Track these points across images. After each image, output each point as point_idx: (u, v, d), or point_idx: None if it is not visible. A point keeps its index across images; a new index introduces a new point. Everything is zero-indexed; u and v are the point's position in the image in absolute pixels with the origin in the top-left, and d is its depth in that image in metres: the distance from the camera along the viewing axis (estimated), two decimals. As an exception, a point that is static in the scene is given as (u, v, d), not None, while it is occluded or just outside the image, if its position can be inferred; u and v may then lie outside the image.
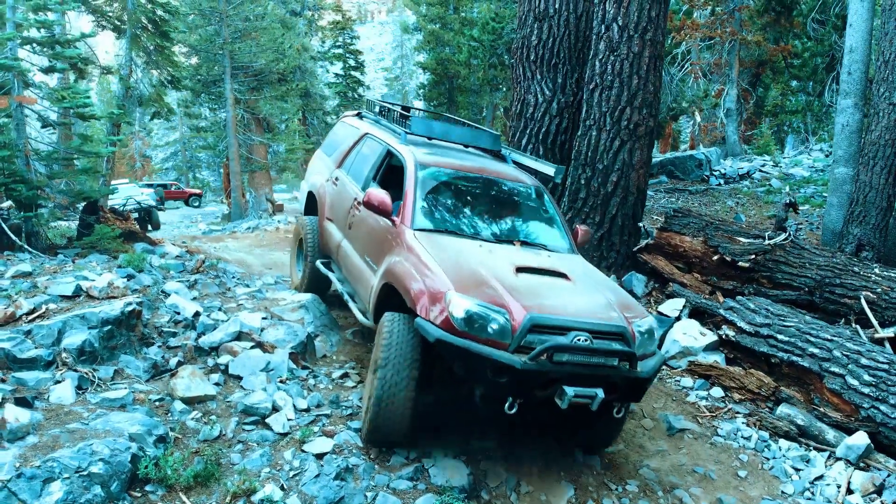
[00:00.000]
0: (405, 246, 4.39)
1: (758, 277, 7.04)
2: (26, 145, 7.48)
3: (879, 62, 8.00)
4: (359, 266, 5.15)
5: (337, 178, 6.14)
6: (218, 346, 5.11)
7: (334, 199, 6.06)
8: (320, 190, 6.42)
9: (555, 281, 4.24)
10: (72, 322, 4.73)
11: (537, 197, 5.35)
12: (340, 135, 6.79)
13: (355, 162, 5.97)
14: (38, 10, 7.25)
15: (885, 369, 5.11)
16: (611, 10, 7.17)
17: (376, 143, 5.76)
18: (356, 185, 5.63)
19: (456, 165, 5.18)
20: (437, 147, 5.54)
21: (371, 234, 4.99)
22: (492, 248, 4.47)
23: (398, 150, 5.30)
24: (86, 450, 3.64)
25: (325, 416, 4.59)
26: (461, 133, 5.93)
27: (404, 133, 5.48)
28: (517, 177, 5.42)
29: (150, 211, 20.63)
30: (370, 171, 5.54)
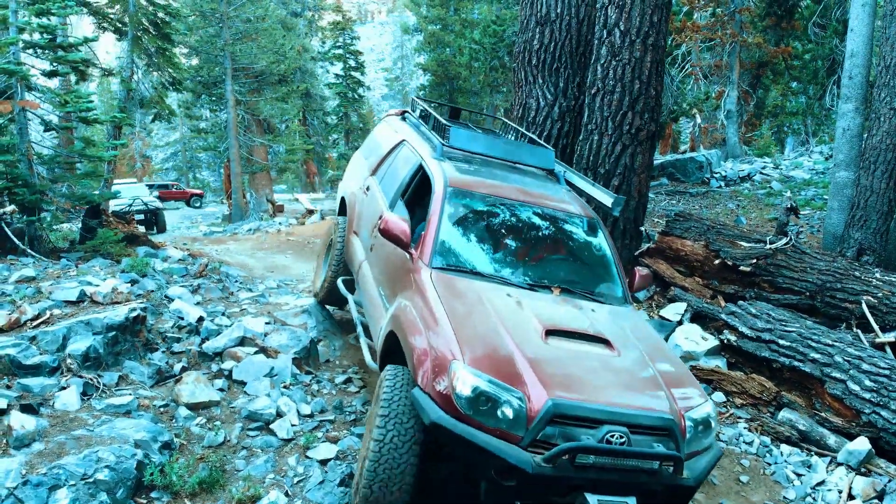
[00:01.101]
0: (418, 288, 3.70)
1: (759, 282, 7.06)
2: (29, 149, 7.50)
3: (880, 67, 8.02)
4: (373, 297, 4.51)
5: (368, 188, 5.45)
6: (222, 352, 5.13)
7: (362, 212, 5.41)
8: (351, 198, 5.82)
9: (592, 350, 3.44)
10: (76, 328, 4.75)
11: (589, 231, 4.49)
12: (379, 137, 6.11)
13: (388, 172, 5.24)
14: (40, 14, 7.27)
15: (887, 375, 5.13)
16: (613, 14, 7.19)
17: (410, 154, 4.99)
18: (384, 200, 4.93)
19: (494, 189, 4.37)
20: (477, 164, 4.72)
21: (388, 264, 4.31)
22: (522, 299, 3.67)
23: (429, 165, 4.53)
24: (91, 457, 3.66)
25: (328, 422, 4.61)
26: (508, 148, 5.06)
27: (440, 145, 4.69)
28: (567, 205, 4.55)
29: (156, 212, 19.69)
30: (400, 186, 4.82)
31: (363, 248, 5.08)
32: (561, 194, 4.70)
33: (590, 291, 4.11)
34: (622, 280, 4.33)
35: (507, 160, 4.97)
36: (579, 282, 4.18)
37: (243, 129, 24.55)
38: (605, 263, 4.39)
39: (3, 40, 7.18)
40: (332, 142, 42.90)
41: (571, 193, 4.87)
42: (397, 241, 3.90)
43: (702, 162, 16.01)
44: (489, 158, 4.90)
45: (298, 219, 20.46)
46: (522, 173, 4.87)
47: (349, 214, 5.69)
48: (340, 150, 42.65)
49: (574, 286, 4.08)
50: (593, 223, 4.54)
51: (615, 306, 4.05)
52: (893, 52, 7.80)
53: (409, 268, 3.92)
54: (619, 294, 4.23)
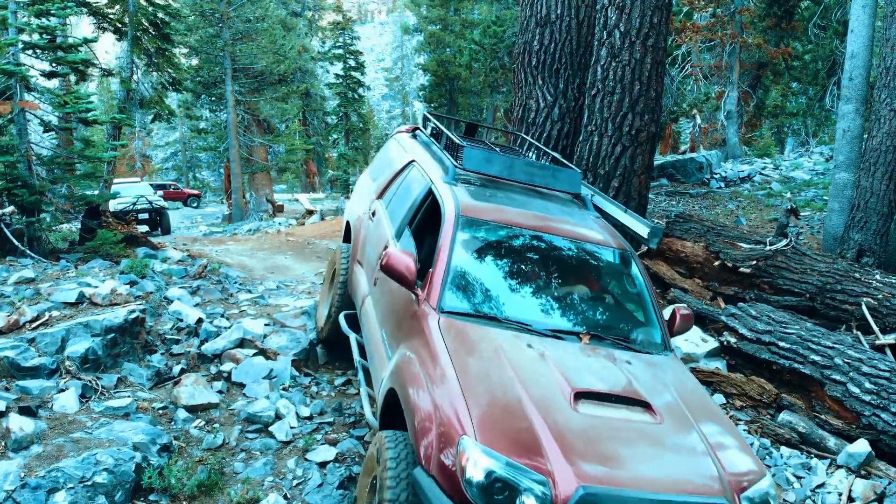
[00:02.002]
0: (423, 337, 3.17)
1: (759, 283, 7.05)
2: (28, 150, 7.49)
3: (881, 68, 8.01)
4: (376, 340, 4.00)
5: (374, 213, 4.96)
6: (221, 354, 5.13)
7: (367, 239, 4.92)
8: (356, 224, 5.34)
9: (631, 417, 2.88)
10: (75, 330, 4.75)
11: (622, 265, 3.98)
12: (388, 156, 5.56)
13: (396, 196, 4.73)
14: (39, 15, 7.26)
15: (887, 377, 5.12)
16: (613, 16, 7.18)
17: (420, 177, 4.47)
18: (390, 228, 4.40)
19: (512, 218, 3.83)
20: (494, 189, 4.21)
21: (392, 302, 3.80)
22: (546, 351, 3.12)
23: (439, 190, 4.00)
24: (90, 459, 3.66)
25: (327, 424, 4.61)
26: (529, 169, 4.45)
27: (452, 167, 4.17)
28: (596, 235, 4.01)
29: (161, 212, 18.43)
30: (407, 212, 4.30)
31: (367, 281, 4.56)
32: (588, 222, 4.14)
33: (624, 337, 3.55)
34: (660, 322, 3.75)
35: (527, 184, 4.41)
36: (611, 326, 3.65)
37: (243, 129, 24.55)
38: (641, 303, 3.82)
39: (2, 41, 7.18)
40: (332, 142, 42.92)
41: (600, 221, 4.32)
42: (401, 280, 3.37)
43: (702, 163, 16.01)
44: (508, 182, 4.36)
45: (298, 219, 20.47)
46: (545, 198, 4.33)
47: (353, 241, 5.21)
48: (340, 150, 42.65)
49: (605, 331, 3.53)
50: (626, 256, 3.97)
51: (654, 355, 3.49)
52: (894, 54, 7.79)
53: (414, 311, 3.40)
54: (657, 339, 3.65)
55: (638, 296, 3.87)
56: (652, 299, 3.86)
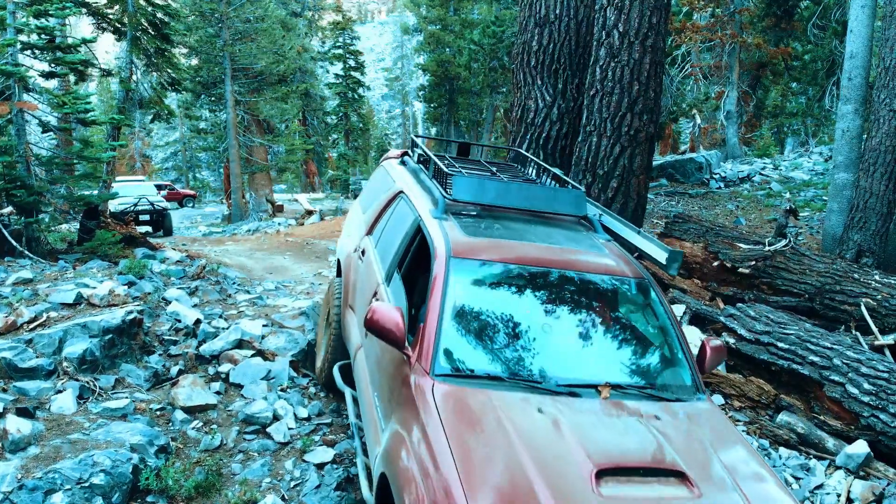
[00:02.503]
0: (416, 411, 2.73)
1: (758, 283, 7.05)
2: (27, 150, 7.49)
3: (880, 68, 8.01)
4: (369, 403, 3.54)
5: (363, 252, 4.55)
6: (219, 355, 5.12)
7: (357, 282, 4.51)
8: (347, 262, 4.92)
9: (664, 494, 2.42)
10: (73, 330, 4.74)
11: (640, 295, 3.47)
12: (377, 185, 5.13)
13: (385, 232, 4.32)
14: (38, 16, 7.26)
15: (885, 378, 5.12)
16: (611, 16, 7.17)
17: (408, 210, 4.04)
18: (380, 271, 4.01)
19: (511, 253, 3.36)
20: (489, 219, 3.78)
21: (382, 361, 3.41)
22: (560, 415, 2.66)
23: (427, 226, 3.56)
24: (87, 461, 3.65)
25: (325, 426, 4.60)
26: (527, 193, 3.96)
27: (441, 199, 3.75)
28: (607, 263, 3.51)
29: (164, 213, 17.72)
30: (397, 252, 3.88)
31: (359, 330, 4.07)
32: (598, 249, 3.67)
33: (649, 384, 3.07)
34: (689, 358, 3.25)
35: (527, 210, 3.93)
36: (634, 371, 3.14)
37: (242, 130, 24.55)
38: (665, 337, 3.31)
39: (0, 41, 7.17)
40: (332, 142, 42.96)
41: (611, 245, 3.85)
42: (388, 339, 2.96)
43: (701, 163, 16.00)
44: (505, 210, 3.90)
45: (298, 219, 20.47)
46: (548, 224, 3.89)
47: (344, 283, 4.81)
48: (340, 150, 42.70)
49: (628, 379, 3.06)
50: (643, 284, 3.49)
51: (685, 403, 3.00)
52: (893, 54, 7.78)
53: (405, 375, 2.96)
54: (686, 381, 3.16)
55: (661, 329, 3.34)
56: (677, 332, 3.35)
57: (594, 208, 4.36)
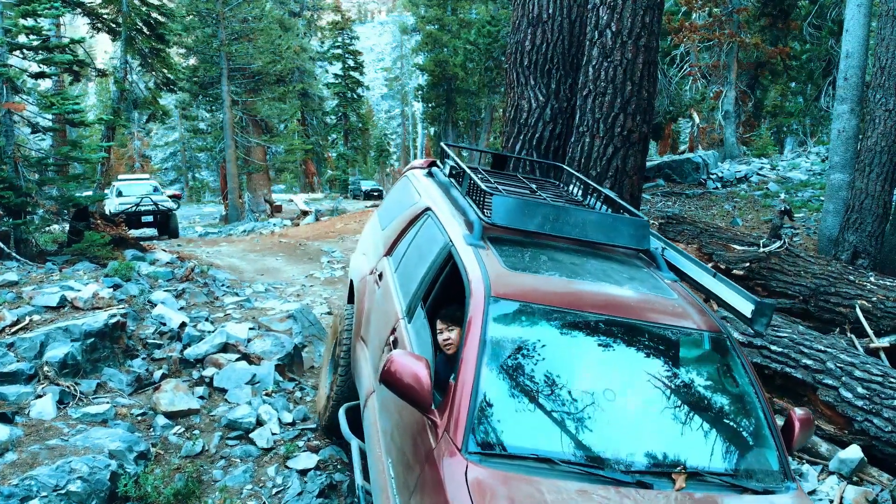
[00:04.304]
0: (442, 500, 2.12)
1: (752, 285, 6.98)
2: (15, 151, 7.42)
3: (876, 68, 7.93)
4: (381, 470, 2.88)
5: (381, 276, 3.93)
6: (203, 358, 5.06)
7: (371, 311, 3.88)
8: (360, 286, 4.28)
9: None
10: (54, 334, 4.68)
11: (718, 354, 2.82)
12: (399, 198, 4.49)
13: (408, 255, 3.69)
14: (26, 16, 7.20)
15: (879, 382, 5.05)
16: (604, 15, 7.10)
17: (437, 232, 3.41)
18: (400, 302, 3.38)
19: (567, 297, 2.73)
20: (534, 250, 3.16)
21: (401, 422, 2.77)
22: None
23: (462, 256, 2.93)
24: (64, 467, 3.60)
25: (310, 431, 4.54)
26: (580, 219, 3.23)
27: (478, 222, 3.10)
28: (679, 315, 2.83)
29: (169, 214, 16.19)
30: (422, 282, 3.24)
31: (372, 370, 3.50)
32: (665, 292, 3.00)
33: (731, 470, 2.48)
34: (776, 436, 2.63)
35: (577, 239, 3.24)
36: (712, 452, 2.54)
37: (240, 130, 24.49)
38: (747, 409, 2.71)
39: (-12, 42, 7.12)
40: (331, 142, 42.95)
41: (679, 288, 3.16)
42: (409, 399, 2.36)
43: (698, 163, 15.93)
44: (551, 238, 3.24)
45: (293, 220, 20.42)
46: (603, 259, 3.23)
47: (356, 311, 4.18)
48: (339, 150, 42.67)
49: (706, 463, 2.46)
50: (722, 341, 2.84)
51: (774, 497, 2.41)
52: (889, 53, 7.71)
53: (429, 449, 2.34)
54: (773, 464, 2.55)
55: (742, 398, 2.71)
56: (762, 402, 2.71)
57: (656, 240, 3.63)
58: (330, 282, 8.63)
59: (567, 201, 3.98)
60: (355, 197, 35.70)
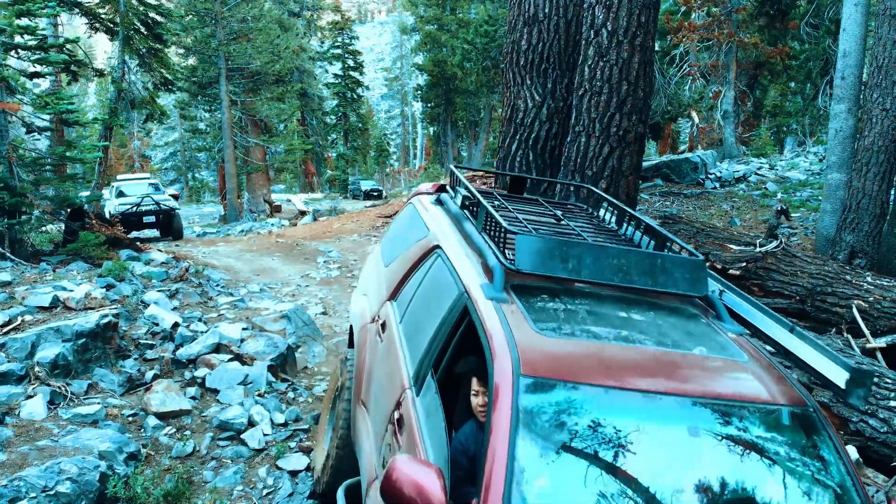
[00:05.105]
0: None
1: (749, 285, 6.96)
2: (10, 152, 7.41)
3: (873, 67, 7.90)
4: None
5: (384, 326, 3.34)
6: (196, 359, 5.04)
7: (373, 370, 3.30)
8: (361, 335, 3.69)
9: None
10: (46, 335, 4.67)
11: (802, 433, 2.27)
12: (404, 228, 3.88)
13: (415, 303, 3.10)
14: (21, 16, 7.19)
15: (875, 382, 5.02)
16: (600, 15, 7.08)
17: (449, 278, 2.83)
18: (406, 366, 2.82)
19: (612, 371, 2.19)
20: (567, 301, 2.59)
21: None
22: None
23: (482, 316, 2.35)
24: (53, 468, 3.58)
25: (302, 431, 4.52)
26: (623, 262, 2.63)
27: (500, 270, 2.52)
28: (746, 379, 2.31)
29: (172, 214, 15.49)
30: (432, 341, 2.68)
31: (374, 441, 2.94)
32: (734, 354, 2.41)
33: None
34: None
35: (620, 284, 2.62)
36: None
37: (239, 130, 24.47)
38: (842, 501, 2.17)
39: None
40: (330, 142, 42.93)
41: (748, 345, 2.53)
42: None
43: (696, 163, 15.90)
44: (588, 285, 2.64)
45: (291, 220, 20.41)
46: (651, 309, 2.64)
47: (356, 367, 3.60)
48: (339, 150, 42.66)
49: None
50: (808, 417, 2.28)
51: None
52: (886, 53, 7.68)
53: None
54: None
55: (835, 491, 2.17)
56: (859, 492, 2.19)
57: (714, 283, 3.03)
58: (326, 282, 8.61)
59: (598, 229, 3.39)
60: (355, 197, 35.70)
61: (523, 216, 3.36)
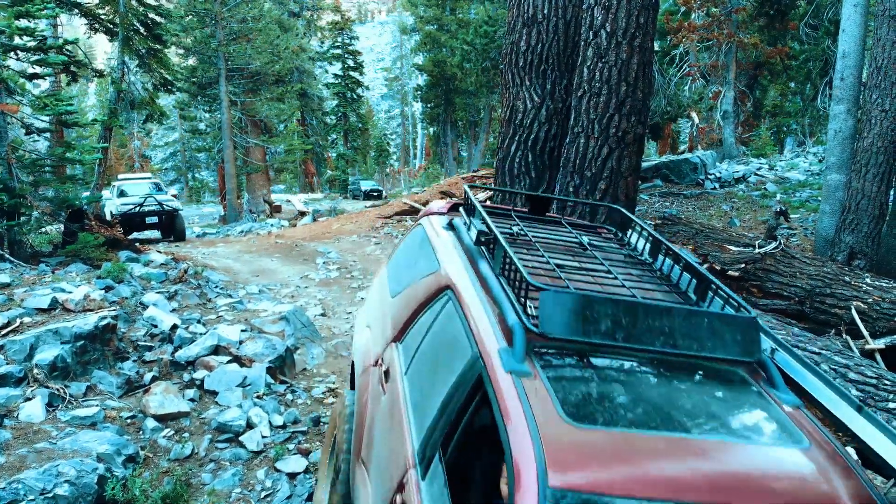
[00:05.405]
0: None
1: (748, 286, 6.96)
2: (8, 153, 7.41)
3: (872, 68, 7.90)
4: None
5: (388, 372, 2.93)
6: (194, 361, 5.04)
7: (375, 426, 2.92)
8: (363, 380, 3.30)
9: None
10: (44, 337, 4.67)
11: None
12: (413, 256, 3.43)
13: (422, 352, 2.72)
14: (19, 17, 7.19)
15: (874, 384, 5.03)
16: (599, 16, 7.08)
17: (462, 332, 2.40)
18: (412, 434, 2.42)
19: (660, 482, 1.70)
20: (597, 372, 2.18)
21: None
22: None
23: (498, 394, 1.95)
24: (52, 471, 3.58)
25: (301, 433, 4.52)
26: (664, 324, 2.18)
27: (521, 330, 2.10)
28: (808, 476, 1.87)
29: (174, 215, 15.22)
30: (440, 413, 2.28)
31: None
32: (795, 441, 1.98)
33: None
34: None
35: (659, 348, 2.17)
36: None
37: (239, 130, 24.47)
38: None
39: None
40: (330, 142, 42.94)
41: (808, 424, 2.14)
42: None
43: (696, 163, 15.90)
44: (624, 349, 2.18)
45: (290, 220, 20.41)
46: (693, 377, 2.25)
47: (356, 420, 3.21)
48: (339, 151, 42.67)
49: None
50: None
51: None
52: (885, 54, 7.68)
53: None
54: None
55: None
56: None
57: (768, 341, 2.74)
58: (325, 283, 8.61)
59: (630, 261, 2.97)
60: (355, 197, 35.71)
61: (545, 245, 2.91)
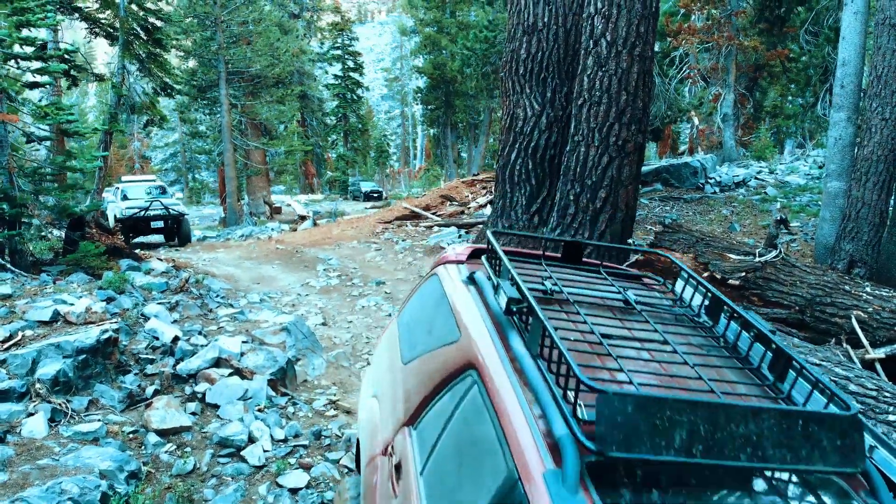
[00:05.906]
0: None
1: (748, 295, 6.96)
2: (10, 161, 7.41)
3: (872, 76, 7.91)
4: None
5: (399, 466, 2.37)
6: (196, 373, 5.04)
7: None
8: (369, 471, 2.75)
9: None
10: (46, 351, 4.67)
11: None
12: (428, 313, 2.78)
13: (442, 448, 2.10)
14: (20, 26, 7.20)
15: (874, 396, 5.03)
16: (599, 25, 7.09)
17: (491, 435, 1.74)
18: None
19: None
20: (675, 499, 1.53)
21: None
22: None
23: None
24: (55, 488, 3.59)
25: (302, 447, 4.53)
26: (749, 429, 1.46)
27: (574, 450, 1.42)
28: None
29: (180, 219, 15.00)
30: None
31: None
32: None
33: None
34: None
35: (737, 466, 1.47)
36: None
37: (239, 133, 24.48)
38: None
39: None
40: (330, 143, 42.95)
41: None
42: None
43: (696, 167, 15.90)
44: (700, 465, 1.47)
45: (291, 224, 20.40)
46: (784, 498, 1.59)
47: None
48: (339, 151, 42.68)
49: None
50: None
51: None
52: (885, 62, 7.69)
53: None
54: None
55: None
56: None
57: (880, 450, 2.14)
58: (325, 290, 8.61)
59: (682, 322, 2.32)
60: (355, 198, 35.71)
61: (585, 305, 2.31)
